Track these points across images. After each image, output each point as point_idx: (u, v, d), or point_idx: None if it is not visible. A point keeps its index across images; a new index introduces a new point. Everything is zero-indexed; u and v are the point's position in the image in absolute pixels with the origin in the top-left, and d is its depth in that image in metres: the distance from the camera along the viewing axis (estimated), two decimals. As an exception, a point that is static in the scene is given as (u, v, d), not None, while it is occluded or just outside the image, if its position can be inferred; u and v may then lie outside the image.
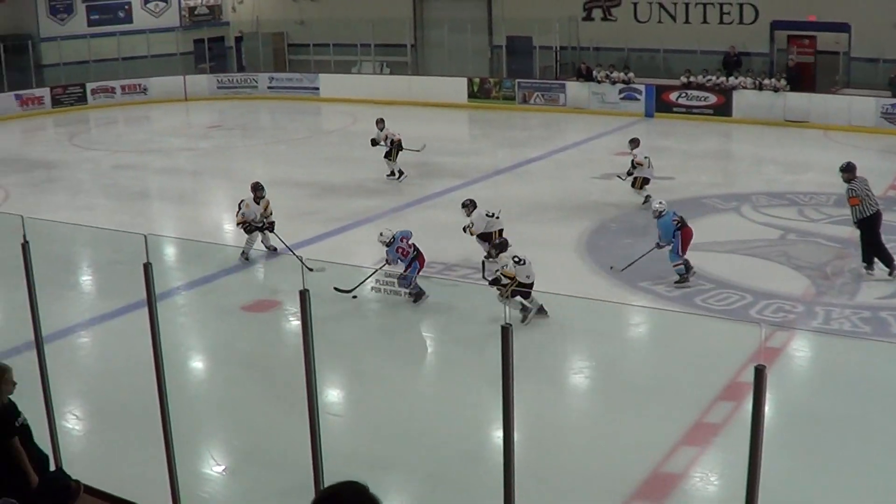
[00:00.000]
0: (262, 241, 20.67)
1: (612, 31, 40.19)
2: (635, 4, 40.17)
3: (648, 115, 37.14)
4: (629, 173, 24.18)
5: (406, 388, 14.44)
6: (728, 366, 13.54)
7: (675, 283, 18.26)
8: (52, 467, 8.37)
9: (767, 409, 6.10)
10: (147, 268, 7.95)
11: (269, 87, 45.90)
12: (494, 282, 16.61)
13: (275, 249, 20.53)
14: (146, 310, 8.30)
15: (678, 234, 18.41)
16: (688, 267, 18.30)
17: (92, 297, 19.90)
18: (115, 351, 16.53)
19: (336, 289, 16.86)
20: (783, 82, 35.50)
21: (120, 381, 14.77)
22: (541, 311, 16.22)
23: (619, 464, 11.82)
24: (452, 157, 30.18)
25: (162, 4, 48.96)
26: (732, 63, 37.35)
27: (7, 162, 34.00)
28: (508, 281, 16.15)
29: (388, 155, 27.72)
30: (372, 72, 44.53)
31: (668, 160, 28.43)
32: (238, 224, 20.37)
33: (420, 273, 17.32)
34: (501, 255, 16.70)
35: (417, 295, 17.13)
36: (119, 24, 48.25)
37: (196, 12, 49.68)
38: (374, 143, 28.08)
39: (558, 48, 41.04)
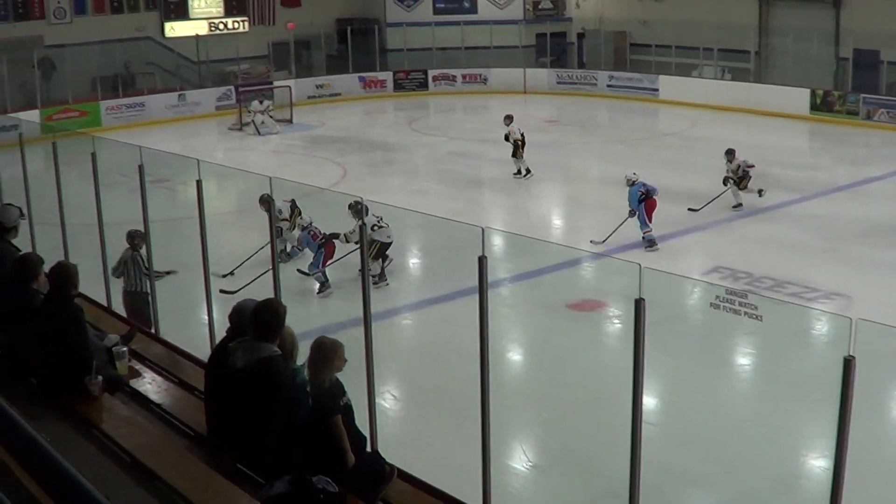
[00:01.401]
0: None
1: (966, 48, 38.13)
2: None
3: None
4: (740, 178, 24.57)
5: (724, 403, 14.08)
6: None
7: (646, 249, 20.81)
8: (369, 449, 8.43)
9: None
10: (482, 261, 7.92)
11: (608, 86, 45.65)
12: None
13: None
14: (472, 298, 8.28)
15: (642, 204, 21.32)
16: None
17: (420, 281, 20.27)
18: (436, 336, 16.78)
19: (222, 290, 16.44)
20: None
21: (438, 367, 14.99)
22: (382, 275, 18.95)
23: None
24: (789, 171, 29.28)
25: (507, -3, 49.57)
26: None
27: (348, 141, 35.15)
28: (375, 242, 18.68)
29: (514, 153, 28.26)
30: (713, 76, 43.65)
31: None
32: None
33: (329, 261, 18.94)
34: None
35: (322, 285, 18.78)
36: (464, 13, 49.11)
37: (540, 6, 49.96)
38: (507, 138, 28.70)
39: (906, 64, 39.26)
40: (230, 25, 46.78)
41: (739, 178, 24.47)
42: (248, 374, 7.48)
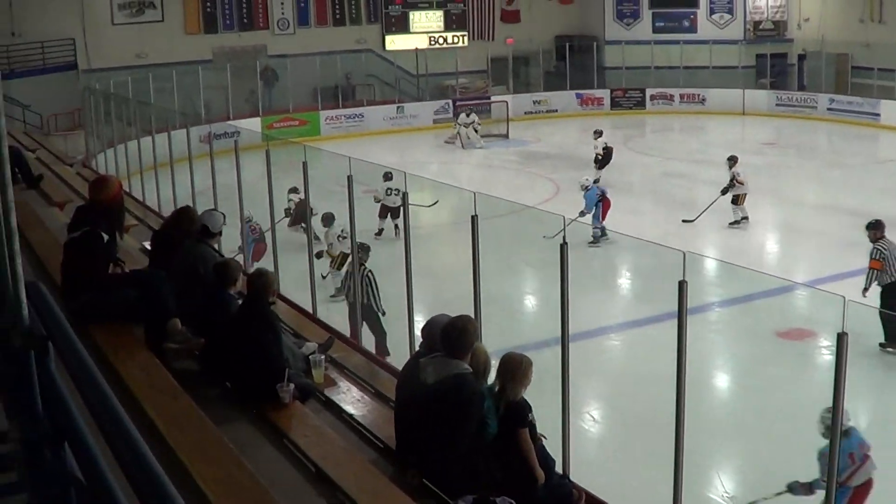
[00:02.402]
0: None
1: None
2: None
3: None
4: (730, 188, 25.37)
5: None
6: None
7: (589, 243, 22.71)
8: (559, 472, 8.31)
9: None
10: (682, 285, 7.76)
11: (828, 109, 44.36)
12: (318, 255, 18.43)
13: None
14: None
15: (599, 204, 23.79)
16: (604, 231, 22.95)
17: (627, 301, 20.07)
18: (640, 358, 16.58)
19: None
20: None
21: (639, 390, 14.78)
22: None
23: None
24: None
25: (727, 16, 48.78)
26: None
27: (561, 158, 35.15)
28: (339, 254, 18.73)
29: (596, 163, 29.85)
30: (936, 103, 42.16)
31: None
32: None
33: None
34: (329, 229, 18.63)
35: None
36: (683, 32, 48.64)
37: (761, 27, 49.02)
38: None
39: None
40: (450, 40, 47.39)
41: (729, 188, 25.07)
42: (437, 391, 7.48)
